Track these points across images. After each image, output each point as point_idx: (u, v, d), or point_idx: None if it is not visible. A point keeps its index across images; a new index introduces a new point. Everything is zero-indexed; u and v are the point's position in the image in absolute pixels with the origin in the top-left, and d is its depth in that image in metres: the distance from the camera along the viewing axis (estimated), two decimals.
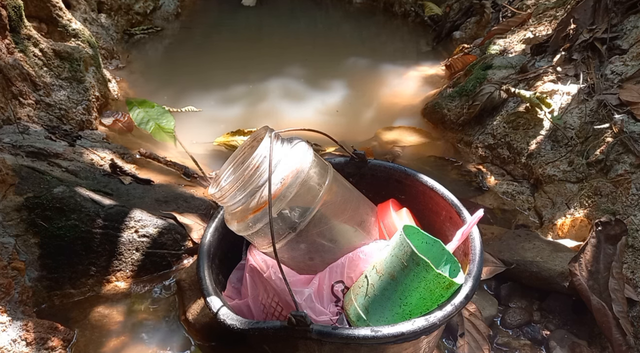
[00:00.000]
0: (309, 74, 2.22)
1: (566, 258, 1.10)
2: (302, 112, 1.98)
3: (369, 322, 0.78)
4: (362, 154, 1.02)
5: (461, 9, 2.51)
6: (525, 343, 1.05)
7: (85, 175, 1.27)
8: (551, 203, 1.40)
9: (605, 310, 0.99)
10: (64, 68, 1.60)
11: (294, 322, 0.70)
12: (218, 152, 1.72)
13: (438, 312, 0.74)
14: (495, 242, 1.23)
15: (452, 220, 0.93)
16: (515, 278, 1.15)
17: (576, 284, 1.04)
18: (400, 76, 2.22)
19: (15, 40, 1.46)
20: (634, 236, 1.12)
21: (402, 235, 0.77)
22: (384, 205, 0.96)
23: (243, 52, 2.45)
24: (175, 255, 1.19)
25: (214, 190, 0.82)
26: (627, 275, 1.08)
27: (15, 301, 0.97)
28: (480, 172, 1.57)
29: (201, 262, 0.87)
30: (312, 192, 0.82)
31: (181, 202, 1.30)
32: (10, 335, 0.89)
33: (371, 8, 2.94)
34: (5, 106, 1.37)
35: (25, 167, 1.15)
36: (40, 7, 1.66)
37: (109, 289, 1.12)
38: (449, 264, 0.82)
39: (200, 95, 2.05)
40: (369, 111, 2.01)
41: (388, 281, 0.77)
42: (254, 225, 0.80)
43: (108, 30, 2.26)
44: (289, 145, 0.82)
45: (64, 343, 0.96)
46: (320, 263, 0.86)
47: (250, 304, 0.89)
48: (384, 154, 1.67)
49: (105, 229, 1.13)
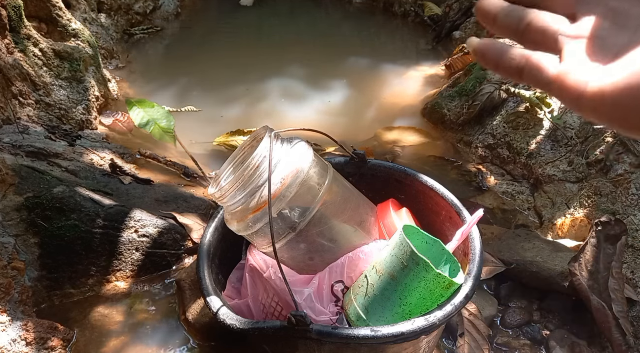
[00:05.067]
0: (309, 74, 2.22)
1: (566, 258, 1.10)
2: (302, 112, 1.98)
3: (369, 322, 0.78)
4: (362, 154, 1.02)
5: (461, 9, 2.51)
6: (525, 343, 1.05)
7: (85, 175, 1.27)
8: (551, 204, 1.40)
9: (605, 310, 0.99)
10: (64, 68, 1.60)
11: (294, 322, 0.70)
12: (218, 152, 1.72)
13: (438, 312, 0.74)
14: (495, 242, 1.23)
15: (452, 220, 0.93)
16: (515, 278, 1.15)
17: (576, 284, 1.04)
18: (400, 76, 2.22)
19: (15, 40, 1.46)
20: (634, 236, 1.12)
21: (402, 235, 0.77)
22: (384, 205, 0.96)
23: (243, 52, 2.45)
24: (175, 255, 1.19)
25: (214, 190, 0.82)
26: (627, 275, 1.08)
27: (15, 301, 0.97)
28: (480, 172, 1.57)
29: (201, 262, 0.87)
30: (312, 192, 0.82)
31: (181, 202, 1.30)
32: (10, 335, 0.89)
33: (371, 8, 2.93)
34: (5, 106, 1.37)
35: (25, 167, 1.15)
36: (40, 7, 1.66)
37: (109, 289, 1.12)
38: (449, 264, 0.82)
39: (200, 95, 2.05)
40: (369, 111, 2.01)
41: (388, 281, 0.77)
42: (254, 225, 0.80)
43: (108, 30, 2.26)
44: (289, 145, 0.82)
45: (64, 343, 0.96)
46: (320, 263, 0.86)
47: (250, 304, 0.88)
48: (384, 153, 1.67)
49: (105, 229, 1.13)
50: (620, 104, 0.26)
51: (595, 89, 0.27)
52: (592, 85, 0.27)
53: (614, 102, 0.26)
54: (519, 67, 0.31)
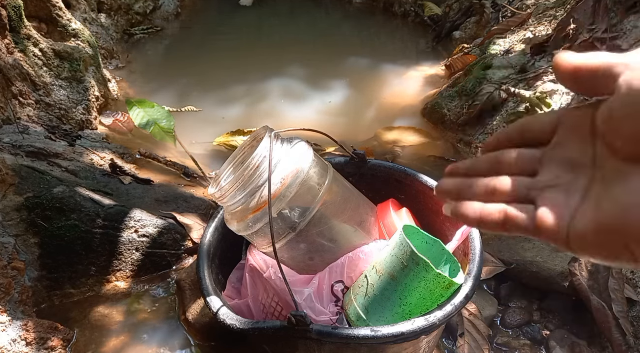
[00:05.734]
0: (309, 74, 2.22)
1: (566, 258, 1.10)
2: (302, 112, 1.98)
3: (369, 322, 0.78)
4: (362, 154, 1.02)
5: (461, 9, 2.51)
6: (525, 343, 1.05)
7: (85, 175, 1.27)
8: None
9: (605, 310, 0.99)
10: (64, 68, 1.60)
11: (294, 322, 0.70)
12: (218, 152, 1.72)
13: (438, 312, 0.74)
14: (495, 242, 1.23)
15: (452, 220, 0.92)
16: (515, 278, 1.15)
17: (576, 284, 1.04)
18: (400, 76, 2.22)
19: (15, 40, 1.46)
20: None
21: (402, 235, 0.77)
22: (384, 205, 0.96)
23: (243, 52, 2.45)
24: (175, 255, 1.19)
25: (214, 190, 0.82)
26: (627, 275, 1.08)
27: (15, 301, 0.97)
28: None
29: (201, 262, 0.87)
30: (312, 192, 0.82)
31: (181, 202, 1.30)
32: (10, 335, 0.89)
33: (371, 8, 2.93)
34: (5, 106, 1.37)
35: (25, 167, 1.15)
36: (40, 7, 1.66)
37: (109, 289, 1.12)
38: (449, 264, 0.82)
39: (200, 95, 2.05)
40: (369, 111, 2.01)
41: (388, 281, 0.77)
42: (254, 225, 0.80)
43: (108, 30, 2.26)
44: (289, 145, 0.82)
45: (64, 343, 0.96)
46: (320, 263, 0.86)
47: (250, 304, 0.88)
48: (384, 153, 1.67)
49: (105, 229, 1.13)
50: (601, 244, 0.29)
51: (577, 235, 0.30)
52: (572, 232, 0.30)
53: (596, 243, 0.29)
54: (499, 222, 0.34)
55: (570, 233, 0.30)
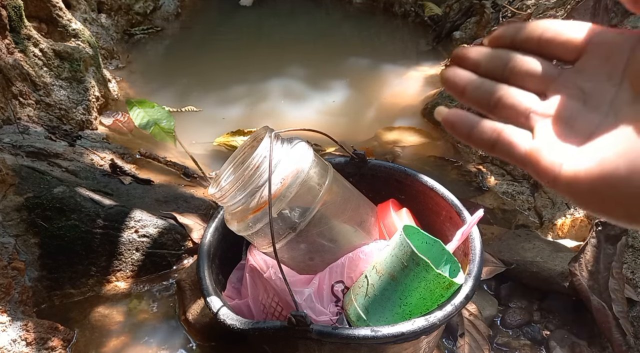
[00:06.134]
0: (309, 74, 2.22)
1: (566, 258, 1.10)
2: (302, 112, 1.98)
3: (369, 322, 0.78)
4: (362, 154, 1.02)
5: (461, 9, 2.51)
6: (525, 343, 1.05)
7: (85, 175, 1.27)
8: (551, 204, 1.39)
9: (605, 310, 0.99)
10: (64, 68, 1.60)
11: (294, 322, 0.70)
12: (218, 152, 1.72)
13: (438, 312, 0.74)
14: (495, 242, 1.23)
15: (452, 220, 0.93)
16: (515, 278, 1.15)
17: (576, 284, 1.04)
18: (400, 76, 2.22)
19: (15, 40, 1.46)
20: (634, 236, 1.12)
21: (402, 235, 0.77)
22: (384, 205, 0.96)
23: (243, 52, 2.45)
24: (175, 255, 1.19)
25: (214, 190, 0.82)
26: (627, 275, 1.08)
27: (15, 301, 0.97)
28: (480, 172, 1.57)
29: (201, 262, 0.87)
30: (312, 192, 0.82)
31: (181, 202, 1.30)
32: (10, 335, 0.89)
33: (371, 8, 2.93)
34: (5, 106, 1.37)
35: (25, 167, 1.15)
36: (40, 7, 1.66)
37: (109, 289, 1.12)
38: (449, 264, 0.82)
39: (200, 95, 2.05)
40: (369, 111, 2.01)
41: (388, 281, 0.77)
42: (254, 225, 0.80)
43: (108, 30, 2.26)
44: (289, 145, 0.82)
45: (64, 343, 0.96)
46: (320, 263, 0.86)
47: (250, 304, 0.89)
48: (384, 153, 1.67)
49: (105, 229, 1.13)
50: (595, 190, 0.27)
51: (569, 173, 0.28)
52: (566, 168, 0.28)
53: (589, 188, 0.27)
54: (490, 142, 0.31)
55: (562, 173, 0.28)
